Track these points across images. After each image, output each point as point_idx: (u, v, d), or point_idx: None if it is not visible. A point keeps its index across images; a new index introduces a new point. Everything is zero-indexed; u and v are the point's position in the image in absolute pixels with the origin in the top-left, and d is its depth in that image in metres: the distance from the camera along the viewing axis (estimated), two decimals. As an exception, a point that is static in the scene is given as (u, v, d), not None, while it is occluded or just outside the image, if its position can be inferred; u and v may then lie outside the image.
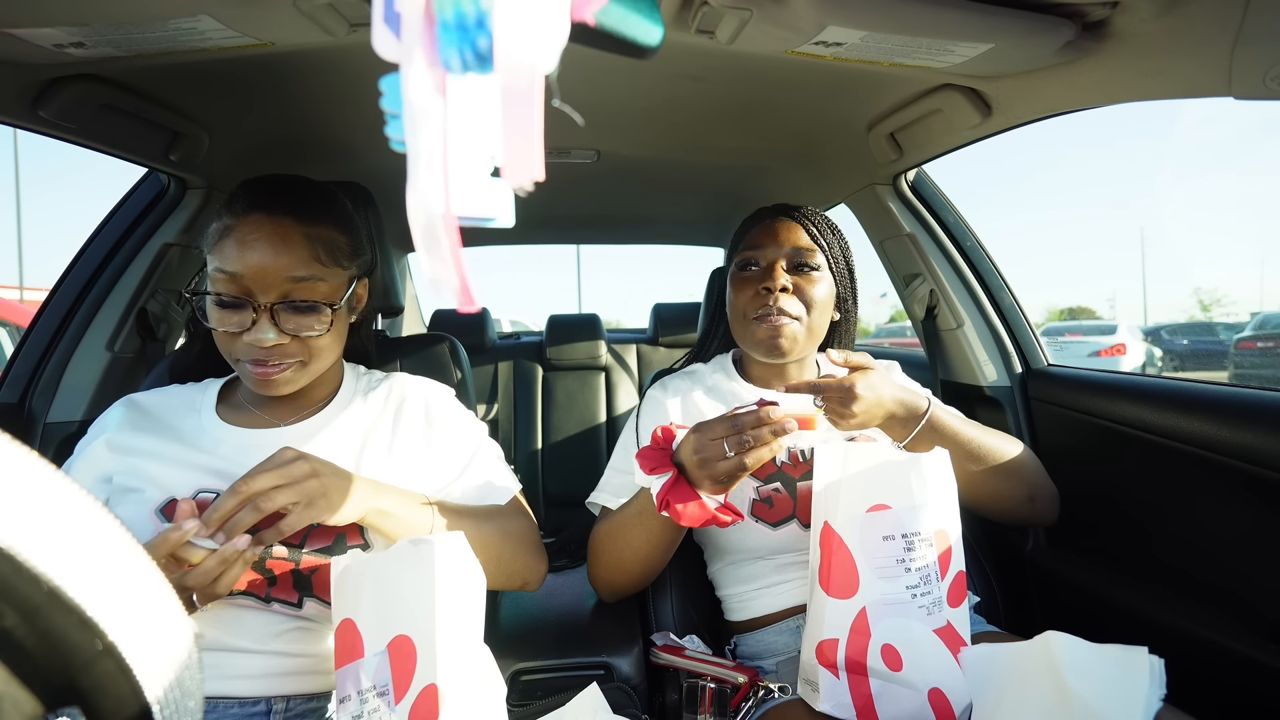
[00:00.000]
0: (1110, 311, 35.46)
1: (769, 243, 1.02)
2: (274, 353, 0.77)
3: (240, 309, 0.76)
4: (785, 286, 0.98)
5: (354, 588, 0.66)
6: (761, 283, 1.00)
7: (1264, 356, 10.19)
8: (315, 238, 0.78)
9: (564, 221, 2.30)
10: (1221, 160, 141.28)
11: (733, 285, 1.05)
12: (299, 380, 0.81)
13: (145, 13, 0.73)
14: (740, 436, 0.77)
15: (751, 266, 1.03)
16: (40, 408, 1.20)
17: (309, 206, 0.80)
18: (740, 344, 1.07)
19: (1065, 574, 1.14)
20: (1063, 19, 0.74)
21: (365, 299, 0.90)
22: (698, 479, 0.80)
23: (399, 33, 0.25)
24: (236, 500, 0.65)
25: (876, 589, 0.76)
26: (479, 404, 2.08)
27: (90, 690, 0.23)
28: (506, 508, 0.91)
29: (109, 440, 0.80)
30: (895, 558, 0.76)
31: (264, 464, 0.68)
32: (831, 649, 0.77)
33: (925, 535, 0.77)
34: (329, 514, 0.69)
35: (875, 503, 0.77)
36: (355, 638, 0.64)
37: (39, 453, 0.23)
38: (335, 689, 0.64)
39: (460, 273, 0.26)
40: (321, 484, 0.69)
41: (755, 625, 0.99)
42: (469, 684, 0.62)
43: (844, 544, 0.77)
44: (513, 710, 0.84)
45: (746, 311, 1.01)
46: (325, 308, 0.79)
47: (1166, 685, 0.63)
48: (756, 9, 0.75)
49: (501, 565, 0.85)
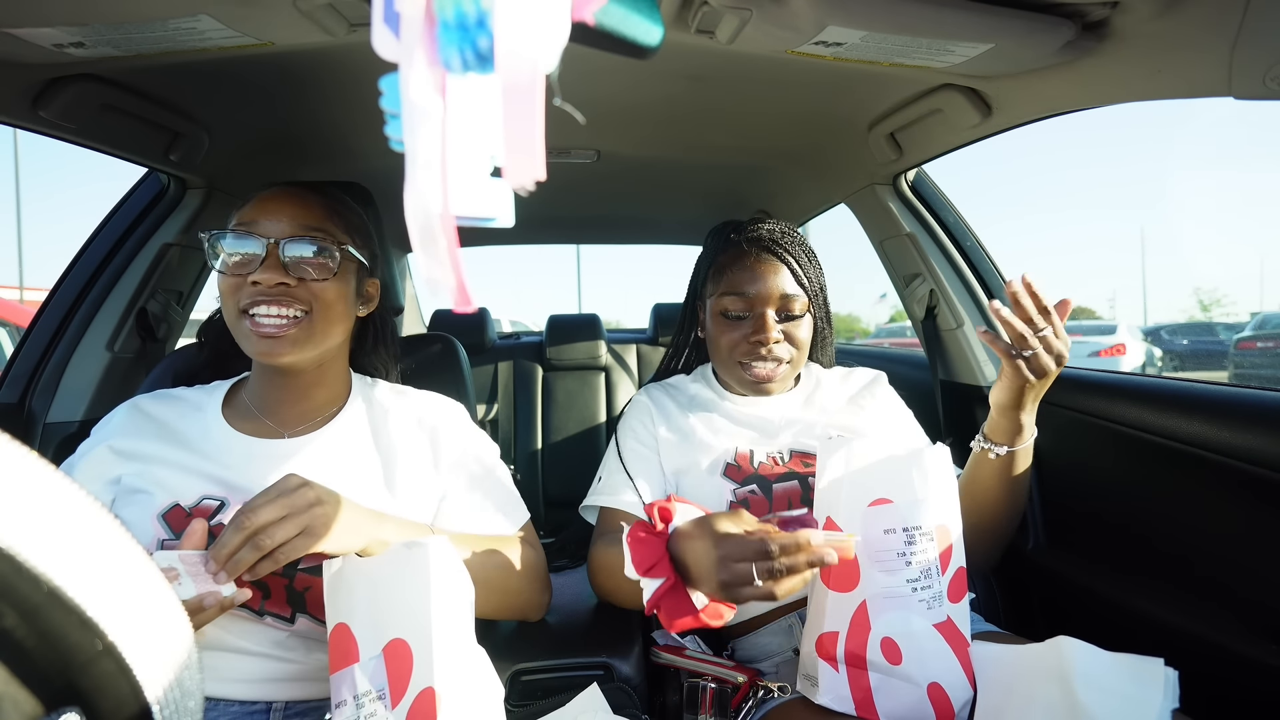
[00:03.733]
0: (1110, 311, 35.45)
1: (756, 289, 1.00)
2: (278, 296, 0.77)
3: (252, 244, 0.77)
4: (778, 338, 1.00)
5: (347, 592, 0.66)
6: (753, 334, 1.00)
7: (1264, 356, 10.18)
8: (332, 208, 0.83)
9: (564, 221, 2.30)
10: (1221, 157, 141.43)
11: (717, 325, 1.04)
12: (302, 347, 0.79)
13: (145, 13, 0.73)
14: (772, 564, 0.65)
15: (739, 316, 1.01)
16: (40, 408, 1.20)
17: (329, 193, 0.85)
18: (722, 373, 1.09)
19: (1064, 573, 1.14)
20: (1063, 19, 0.74)
21: (376, 300, 0.90)
22: (708, 592, 0.70)
23: (399, 33, 0.25)
24: (241, 536, 0.62)
25: (877, 582, 0.76)
26: (479, 404, 2.09)
27: (90, 690, 0.23)
28: (513, 538, 0.89)
29: (113, 446, 0.80)
30: (896, 551, 0.76)
31: (268, 491, 0.66)
32: (831, 642, 0.77)
33: (926, 530, 0.77)
34: (330, 543, 0.67)
35: (877, 497, 0.77)
36: (350, 642, 0.63)
37: (39, 453, 0.23)
38: (330, 694, 0.64)
39: (457, 273, 0.26)
40: (324, 512, 0.66)
41: (749, 628, 1.00)
42: (466, 686, 0.61)
43: None
44: (513, 710, 0.83)
45: (734, 353, 1.02)
46: (334, 249, 0.79)
47: (1167, 686, 0.63)
48: (756, 9, 0.75)
49: (506, 597, 0.84)
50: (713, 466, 0.99)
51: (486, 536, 0.86)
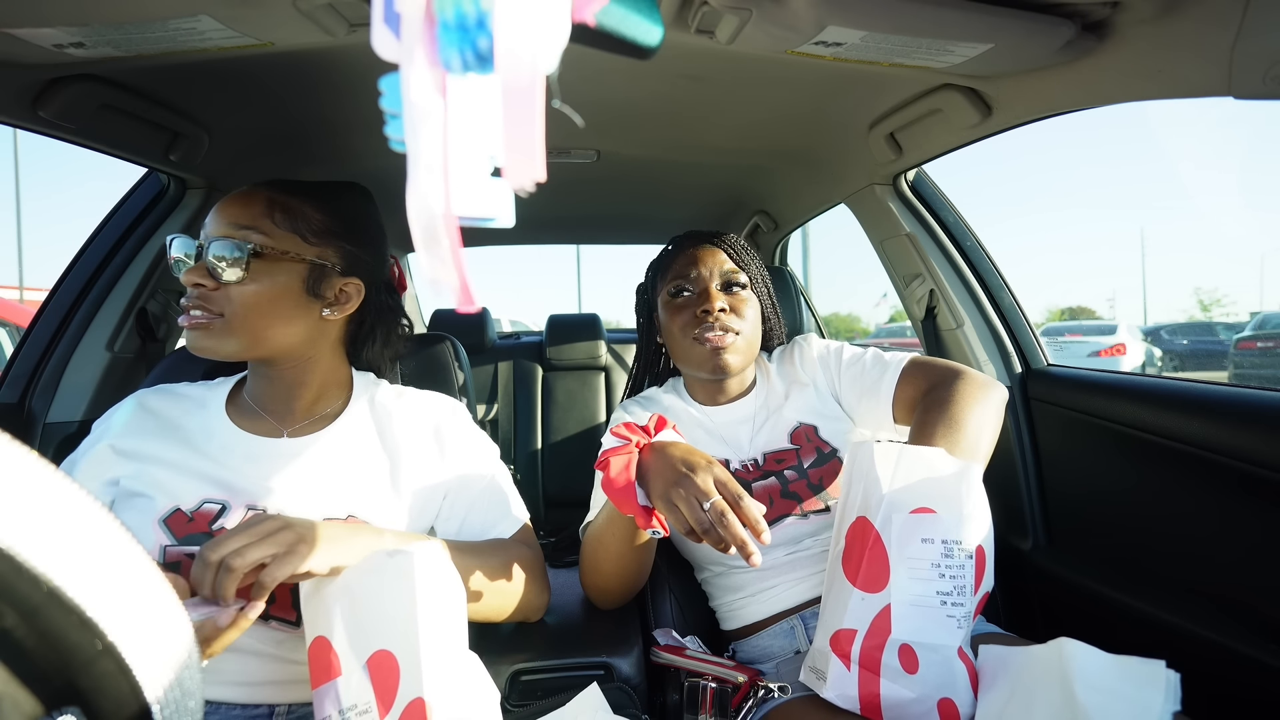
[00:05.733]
0: (1110, 311, 35.48)
1: (698, 268, 1.08)
2: (195, 295, 0.77)
3: (188, 245, 0.79)
4: (723, 307, 1.04)
5: (324, 604, 0.63)
6: (699, 305, 1.05)
7: (1264, 356, 10.18)
8: (277, 202, 0.81)
9: (564, 221, 2.30)
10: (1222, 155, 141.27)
11: (669, 311, 1.09)
12: (220, 343, 0.78)
13: (145, 13, 0.73)
14: (708, 530, 0.71)
15: (685, 292, 1.08)
16: (40, 408, 1.20)
17: (289, 185, 0.83)
18: (684, 366, 1.12)
19: (1064, 574, 1.14)
20: (1063, 19, 0.74)
21: (356, 300, 0.86)
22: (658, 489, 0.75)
23: (399, 33, 0.25)
24: (204, 569, 0.60)
25: (906, 589, 0.75)
26: (479, 404, 2.09)
27: (90, 690, 0.23)
28: (512, 540, 0.89)
29: (114, 445, 0.79)
30: (931, 561, 0.75)
31: (233, 529, 0.63)
32: (848, 639, 0.76)
33: (966, 546, 0.76)
34: (313, 561, 0.63)
35: (921, 505, 0.76)
36: (330, 656, 0.62)
37: (39, 453, 0.23)
38: (314, 708, 0.62)
39: (460, 273, 0.26)
40: (296, 533, 0.63)
41: (749, 632, 1.00)
42: (458, 694, 0.60)
43: (880, 539, 0.76)
44: (513, 711, 0.83)
45: (687, 332, 1.05)
46: (248, 250, 0.77)
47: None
48: (756, 9, 0.75)
49: (505, 599, 0.83)
50: None
51: (485, 543, 0.85)
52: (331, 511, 0.78)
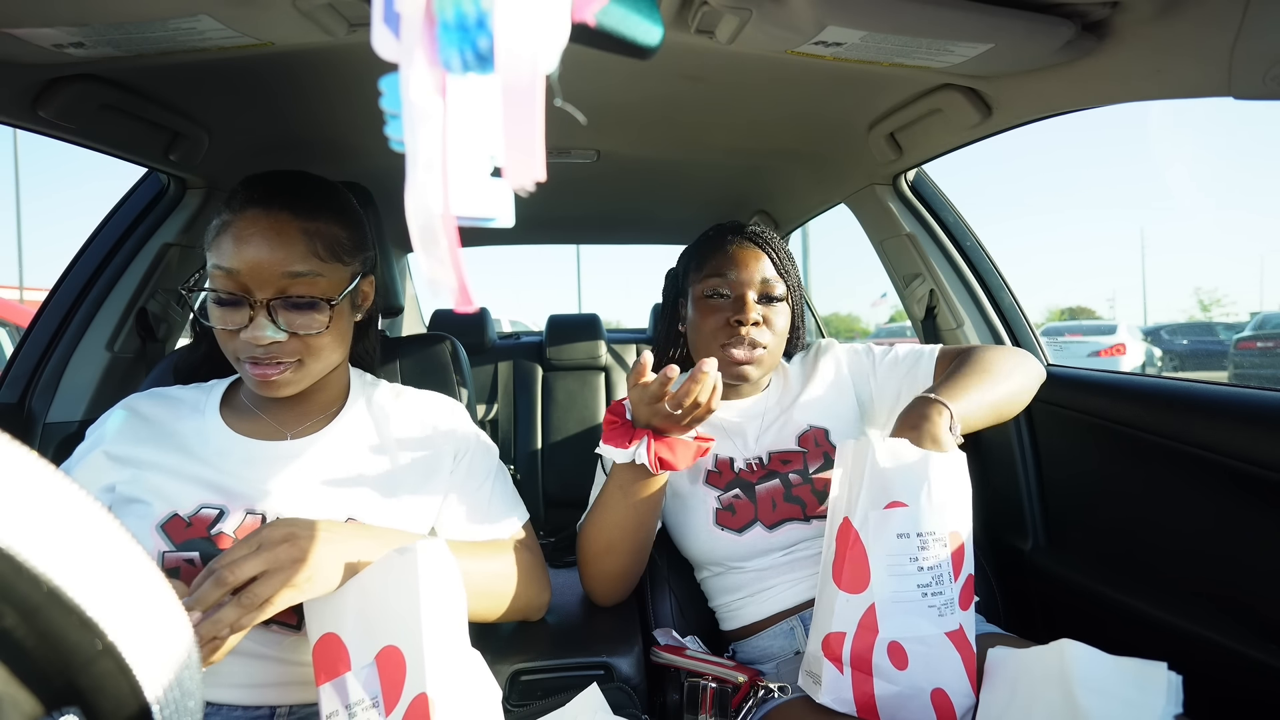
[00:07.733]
0: (1110, 311, 35.50)
1: (738, 272, 1.03)
2: (272, 351, 0.75)
3: (238, 306, 0.74)
4: (756, 320, 1.01)
5: (336, 601, 0.64)
6: (733, 314, 1.01)
7: (1264, 356, 10.18)
8: (313, 232, 0.77)
9: (564, 221, 2.30)
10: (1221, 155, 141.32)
11: (699, 310, 1.06)
12: (299, 381, 0.79)
13: (145, 13, 0.73)
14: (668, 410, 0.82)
15: (721, 295, 1.04)
16: (40, 408, 1.20)
17: (306, 201, 0.78)
18: None
19: (1065, 574, 1.14)
20: (1063, 19, 0.74)
21: (371, 297, 0.88)
22: (667, 427, 0.85)
23: (399, 33, 0.25)
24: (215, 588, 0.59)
25: (887, 585, 0.75)
26: (479, 404, 2.09)
27: (90, 690, 0.23)
28: (512, 540, 0.89)
29: (108, 451, 0.78)
30: (908, 555, 0.76)
31: (244, 539, 0.63)
32: (838, 642, 0.77)
33: (940, 535, 0.77)
34: (309, 581, 0.63)
35: (893, 499, 0.77)
36: (340, 651, 0.62)
37: (39, 453, 0.23)
38: (320, 704, 0.63)
39: (458, 273, 0.26)
40: (298, 548, 0.63)
41: (749, 632, 1.00)
42: (460, 691, 0.61)
43: (859, 539, 0.77)
44: (513, 710, 0.83)
45: (716, 336, 1.03)
46: (324, 304, 0.76)
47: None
48: (756, 9, 0.75)
49: (506, 599, 0.83)
50: (694, 474, 1.01)
51: (485, 544, 0.86)
52: (331, 514, 0.78)
